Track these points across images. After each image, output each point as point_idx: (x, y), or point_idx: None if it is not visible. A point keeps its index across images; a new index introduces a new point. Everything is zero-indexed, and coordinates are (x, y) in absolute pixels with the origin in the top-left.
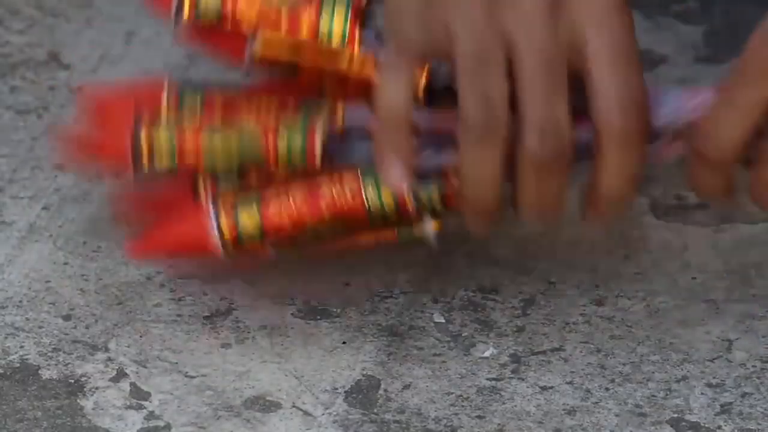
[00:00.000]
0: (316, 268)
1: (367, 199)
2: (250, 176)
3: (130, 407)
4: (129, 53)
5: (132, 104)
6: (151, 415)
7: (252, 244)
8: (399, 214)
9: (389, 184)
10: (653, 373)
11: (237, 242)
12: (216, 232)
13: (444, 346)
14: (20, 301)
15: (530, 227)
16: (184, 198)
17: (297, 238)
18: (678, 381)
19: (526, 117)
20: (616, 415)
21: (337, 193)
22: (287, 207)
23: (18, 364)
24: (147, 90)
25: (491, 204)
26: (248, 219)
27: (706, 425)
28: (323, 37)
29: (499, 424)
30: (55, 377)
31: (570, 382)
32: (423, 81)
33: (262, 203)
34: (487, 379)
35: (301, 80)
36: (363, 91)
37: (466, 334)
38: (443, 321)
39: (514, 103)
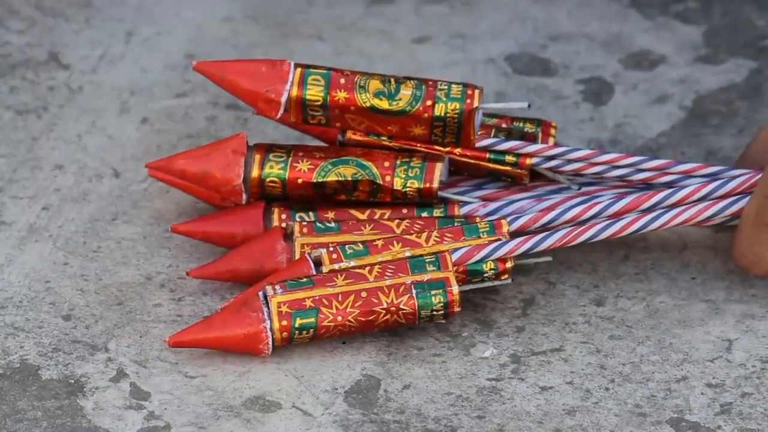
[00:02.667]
0: None
1: (419, 315)
2: (328, 211)
3: (130, 407)
4: (129, 53)
5: (244, 138)
6: (151, 415)
7: (300, 342)
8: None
9: None
10: (653, 373)
11: (286, 345)
12: (269, 338)
13: (444, 346)
14: (20, 301)
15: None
16: (255, 225)
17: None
18: (678, 381)
19: None
20: (616, 415)
21: (391, 311)
22: (343, 319)
23: (18, 364)
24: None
25: None
26: (304, 331)
27: (706, 425)
28: (436, 122)
29: (499, 424)
30: (55, 377)
31: (570, 382)
32: None
33: (320, 315)
34: (487, 379)
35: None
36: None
37: (466, 334)
38: (443, 321)
39: None
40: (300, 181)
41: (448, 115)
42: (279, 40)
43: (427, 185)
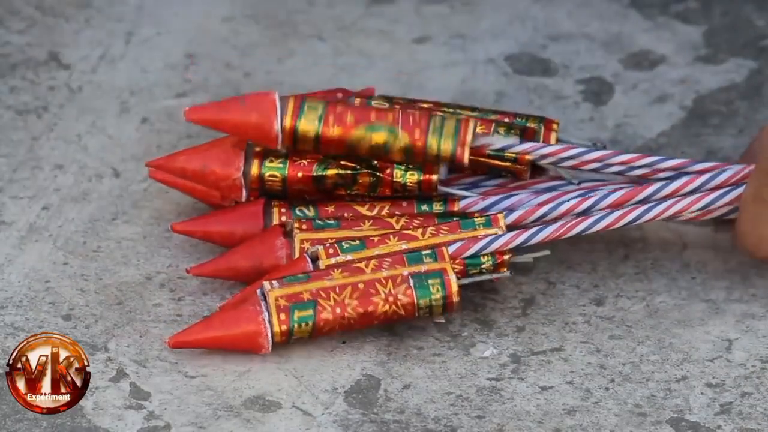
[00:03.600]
0: None
1: (418, 306)
2: (328, 205)
3: (130, 407)
4: (129, 53)
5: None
6: (151, 415)
7: (299, 339)
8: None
9: None
10: (653, 373)
11: (285, 341)
12: (269, 333)
13: (444, 346)
14: (20, 301)
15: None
16: (255, 223)
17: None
18: (678, 381)
19: None
20: (616, 415)
21: (389, 301)
22: (341, 311)
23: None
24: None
25: None
26: (302, 323)
27: (706, 425)
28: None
29: (498, 424)
30: None
31: (570, 382)
32: None
33: (318, 307)
34: (487, 379)
35: None
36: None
37: (466, 334)
38: (443, 321)
39: None
40: (300, 174)
41: (441, 155)
42: (279, 40)
43: (427, 177)
